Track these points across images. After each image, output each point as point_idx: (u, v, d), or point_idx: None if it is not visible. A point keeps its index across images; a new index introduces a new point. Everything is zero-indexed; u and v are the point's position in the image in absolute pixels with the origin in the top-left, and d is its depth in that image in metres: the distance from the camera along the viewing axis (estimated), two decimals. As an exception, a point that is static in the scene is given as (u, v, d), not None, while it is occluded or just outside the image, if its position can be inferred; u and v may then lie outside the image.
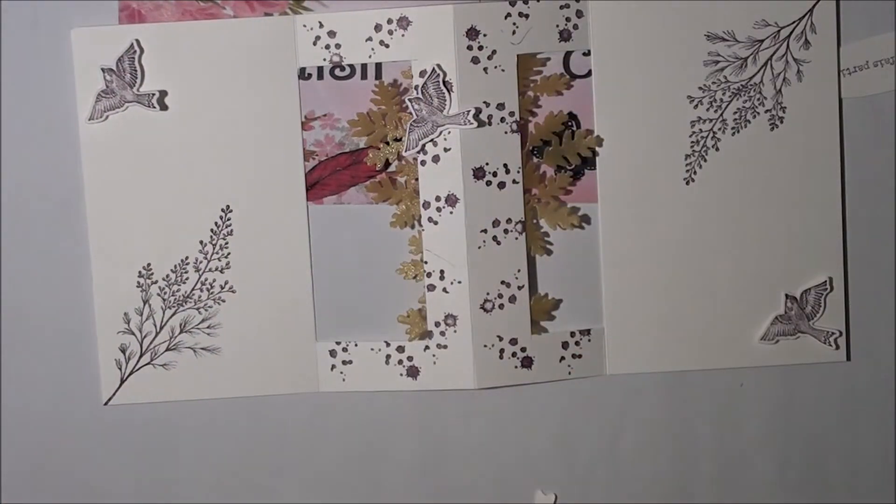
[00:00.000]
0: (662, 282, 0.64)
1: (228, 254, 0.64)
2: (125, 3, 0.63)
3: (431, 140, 0.63)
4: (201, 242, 0.64)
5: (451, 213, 0.63)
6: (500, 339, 0.64)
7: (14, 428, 0.65)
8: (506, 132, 0.63)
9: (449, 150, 0.63)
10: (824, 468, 0.66)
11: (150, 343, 0.64)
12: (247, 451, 0.66)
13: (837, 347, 0.64)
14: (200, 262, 0.64)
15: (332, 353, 0.64)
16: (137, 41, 0.63)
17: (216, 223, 0.64)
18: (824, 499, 0.66)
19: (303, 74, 0.63)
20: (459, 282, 0.63)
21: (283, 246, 0.64)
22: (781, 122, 0.63)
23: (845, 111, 0.64)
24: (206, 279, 0.64)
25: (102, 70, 0.63)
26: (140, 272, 0.64)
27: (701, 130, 0.63)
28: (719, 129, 0.63)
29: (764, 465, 0.66)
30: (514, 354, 0.64)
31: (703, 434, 0.66)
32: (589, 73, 0.63)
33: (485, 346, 0.63)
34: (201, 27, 0.63)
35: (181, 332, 0.64)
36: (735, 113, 0.63)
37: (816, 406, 0.66)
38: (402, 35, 0.62)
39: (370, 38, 0.63)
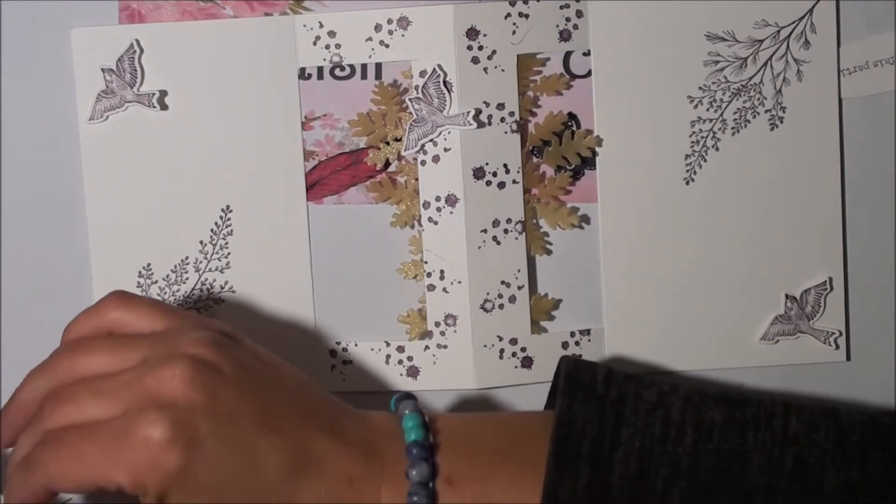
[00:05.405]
0: (662, 282, 0.64)
1: (228, 254, 0.64)
2: (125, 3, 0.63)
3: (431, 140, 0.63)
4: (201, 242, 0.64)
5: (451, 213, 0.63)
6: (500, 339, 0.64)
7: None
8: (506, 132, 0.63)
9: (449, 150, 0.63)
10: (824, 468, 0.66)
11: (150, 343, 0.64)
12: (247, 451, 0.65)
13: (837, 347, 0.64)
14: (200, 262, 0.64)
15: (333, 353, 0.64)
16: (137, 41, 0.63)
17: (216, 223, 0.64)
18: (824, 499, 0.66)
19: (303, 74, 0.63)
20: (459, 282, 0.63)
21: (283, 246, 0.64)
22: (781, 122, 0.63)
23: (845, 111, 0.63)
24: (206, 279, 0.64)
25: (102, 70, 0.63)
26: (140, 272, 0.64)
27: (701, 130, 0.63)
28: (719, 129, 0.63)
29: (764, 465, 0.66)
30: (514, 354, 0.64)
31: (703, 434, 0.66)
32: (589, 73, 0.63)
33: (485, 346, 0.63)
34: (201, 27, 0.63)
35: (181, 332, 0.64)
36: (735, 113, 0.63)
37: (816, 406, 0.66)
38: (402, 35, 0.62)
39: (370, 38, 0.63)
